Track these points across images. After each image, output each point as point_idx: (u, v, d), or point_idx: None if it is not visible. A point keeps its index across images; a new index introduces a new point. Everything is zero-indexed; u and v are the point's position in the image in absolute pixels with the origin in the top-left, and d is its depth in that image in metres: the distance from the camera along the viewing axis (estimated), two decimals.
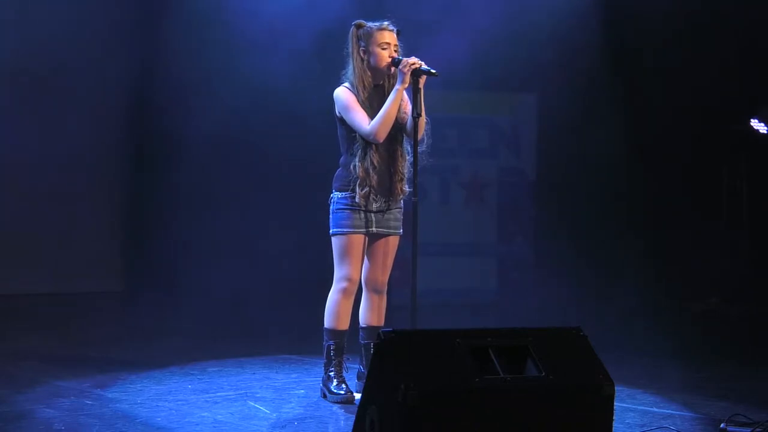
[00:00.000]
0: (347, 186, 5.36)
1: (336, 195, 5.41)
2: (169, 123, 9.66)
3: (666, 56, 9.66)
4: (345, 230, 5.35)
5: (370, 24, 5.37)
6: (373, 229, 5.38)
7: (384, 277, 5.49)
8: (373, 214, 5.37)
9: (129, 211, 10.29)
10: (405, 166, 5.41)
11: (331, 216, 5.41)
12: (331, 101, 5.41)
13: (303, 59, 8.81)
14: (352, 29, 5.39)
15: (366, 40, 5.34)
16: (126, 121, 10.20)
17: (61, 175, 9.72)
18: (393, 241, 5.47)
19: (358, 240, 5.36)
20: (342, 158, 5.45)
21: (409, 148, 5.42)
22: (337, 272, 5.39)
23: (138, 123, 10.13)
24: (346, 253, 5.35)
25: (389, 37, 5.34)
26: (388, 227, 5.42)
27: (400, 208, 5.47)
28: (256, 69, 9.27)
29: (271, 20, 8.62)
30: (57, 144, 9.66)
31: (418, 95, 5.19)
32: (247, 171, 9.76)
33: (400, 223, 5.48)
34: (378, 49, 5.32)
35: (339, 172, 5.44)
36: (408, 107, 5.36)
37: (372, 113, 5.29)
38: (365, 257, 5.44)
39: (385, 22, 5.37)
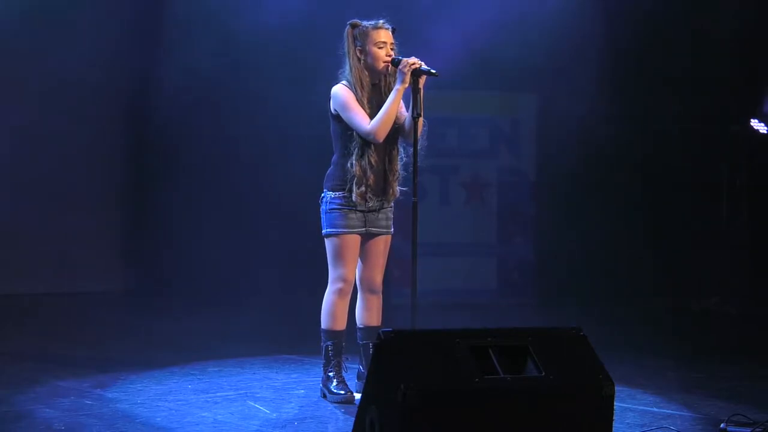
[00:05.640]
0: (342, 185, 5.32)
1: (329, 195, 5.36)
2: (169, 124, 9.67)
3: (666, 56, 9.66)
4: (340, 230, 5.32)
5: (365, 23, 5.35)
6: (368, 228, 5.36)
7: (379, 277, 5.47)
8: (366, 214, 5.36)
9: (129, 212, 10.30)
10: (400, 167, 5.39)
11: (323, 216, 5.37)
12: (327, 98, 5.38)
13: (301, 62, 8.83)
14: (348, 29, 5.36)
15: (362, 39, 5.33)
16: (127, 122, 10.21)
17: (61, 175, 9.73)
18: (386, 241, 5.45)
19: (354, 240, 5.34)
20: (334, 157, 5.39)
21: (401, 149, 5.41)
22: (332, 273, 5.37)
23: (139, 123, 10.14)
24: (341, 253, 5.33)
25: (385, 35, 5.32)
26: (381, 227, 5.40)
27: (391, 207, 5.45)
28: (255, 70, 9.30)
29: (270, 24, 8.64)
30: (57, 144, 9.68)
31: (418, 95, 5.18)
32: (247, 172, 9.76)
33: (391, 222, 5.46)
34: (374, 48, 5.30)
35: (331, 170, 5.39)
36: (403, 107, 5.35)
37: (371, 112, 5.28)
38: (359, 258, 5.42)
39: (381, 21, 5.35)
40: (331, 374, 5.39)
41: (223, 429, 4.80)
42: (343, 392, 5.34)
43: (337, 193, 5.33)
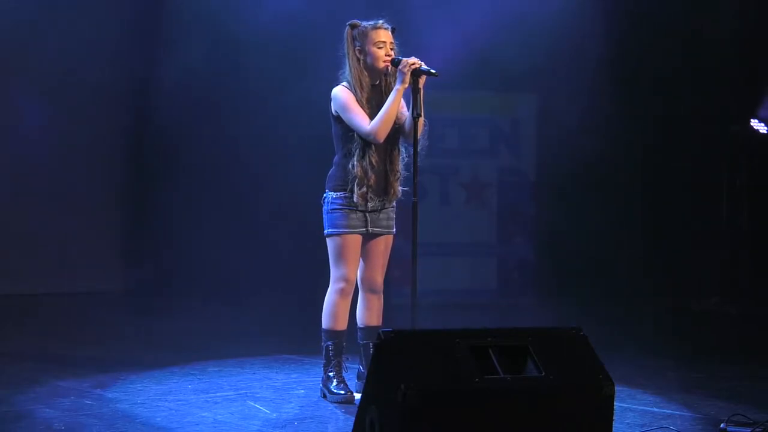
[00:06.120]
0: (343, 185, 5.33)
1: (330, 195, 5.36)
2: (169, 124, 9.67)
3: (666, 56, 9.66)
4: (341, 230, 5.33)
5: (364, 23, 5.35)
6: (369, 228, 5.37)
7: (380, 277, 5.48)
8: (368, 214, 5.36)
9: (129, 212, 10.30)
10: (401, 167, 5.40)
11: (325, 216, 5.38)
12: (327, 99, 5.39)
13: (301, 63, 8.83)
14: (347, 29, 5.37)
15: (361, 39, 5.33)
16: (127, 122, 10.21)
17: (61, 175, 9.73)
18: (388, 241, 5.46)
19: (355, 240, 5.35)
20: (336, 157, 5.40)
21: (403, 149, 5.41)
22: (334, 273, 5.38)
23: (139, 123, 10.13)
24: (342, 253, 5.34)
25: (384, 35, 5.33)
26: (383, 227, 5.41)
27: (393, 207, 5.46)
28: (255, 70, 9.30)
29: (270, 24, 8.64)
30: (57, 144, 9.67)
31: (418, 95, 5.18)
32: (247, 172, 9.76)
33: (393, 222, 5.46)
34: (374, 48, 5.31)
35: (333, 171, 5.40)
36: (404, 107, 5.35)
37: (371, 113, 5.28)
38: (360, 258, 5.42)
39: (380, 21, 5.35)
40: (331, 374, 5.40)
41: (223, 429, 4.81)
42: (343, 392, 5.34)
43: (338, 193, 5.34)
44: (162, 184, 9.88)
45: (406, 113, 5.33)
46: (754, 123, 9.88)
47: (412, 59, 5.20)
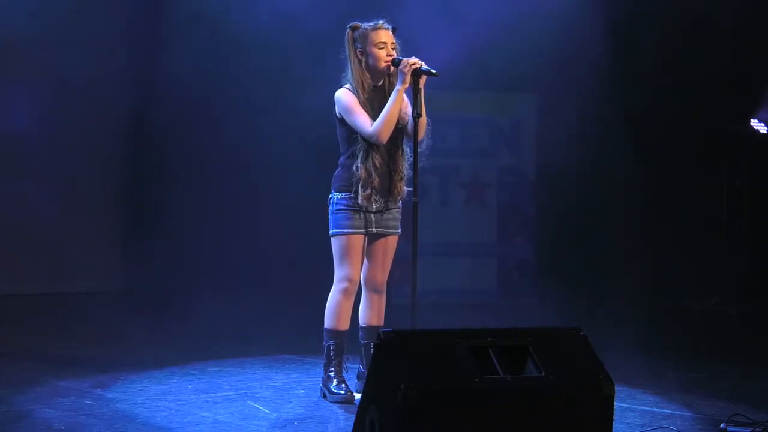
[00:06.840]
0: (348, 186, 5.35)
1: (335, 195, 5.40)
2: (169, 124, 9.66)
3: (666, 56, 9.66)
4: (345, 231, 5.35)
5: (364, 25, 5.36)
6: (373, 229, 5.39)
7: (383, 277, 5.50)
8: (372, 215, 5.38)
9: (129, 212, 10.29)
10: (405, 167, 5.42)
11: (330, 216, 5.41)
12: (331, 102, 5.41)
13: (301, 63, 8.83)
14: (348, 32, 5.39)
15: (362, 41, 5.34)
16: (127, 122, 10.20)
17: (60, 174, 9.73)
18: (392, 241, 5.48)
19: (358, 240, 5.37)
20: (341, 159, 5.44)
21: (407, 149, 5.42)
22: (338, 272, 5.40)
23: (139, 123, 10.13)
24: (346, 253, 5.36)
25: (385, 36, 5.34)
26: (387, 227, 5.43)
27: (399, 207, 5.48)
28: (255, 71, 9.29)
29: (272, 24, 8.64)
30: (57, 144, 9.67)
31: (419, 95, 5.19)
32: (247, 171, 9.76)
33: (399, 223, 5.49)
34: (375, 49, 5.32)
35: (338, 172, 5.43)
36: (408, 108, 5.36)
37: (373, 114, 5.29)
38: (365, 257, 5.44)
39: (380, 21, 5.36)
40: (331, 374, 5.40)
41: (223, 429, 4.81)
42: (343, 392, 5.35)
43: (343, 194, 5.37)
44: (162, 184, 9.87)
45: (409, 113, 5.33)
46: (754, 123, 9.88)
47: (413, 59, 5.21)
